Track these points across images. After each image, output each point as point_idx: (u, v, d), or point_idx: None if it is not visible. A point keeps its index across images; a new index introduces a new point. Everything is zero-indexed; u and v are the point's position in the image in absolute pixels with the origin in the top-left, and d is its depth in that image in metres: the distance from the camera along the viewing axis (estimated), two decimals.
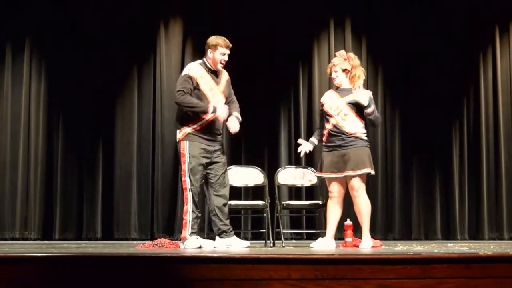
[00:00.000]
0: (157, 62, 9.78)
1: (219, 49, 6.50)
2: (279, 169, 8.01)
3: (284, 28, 9.94)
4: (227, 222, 6.52)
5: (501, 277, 3.78)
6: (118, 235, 9.41)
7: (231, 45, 6.63)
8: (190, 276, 3.66)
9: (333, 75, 6.72)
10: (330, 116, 6.55)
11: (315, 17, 10.11)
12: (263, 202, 7.46)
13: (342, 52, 6.83)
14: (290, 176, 7.80)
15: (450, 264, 3.78)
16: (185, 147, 6.32)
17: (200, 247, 6.13)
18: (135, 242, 8.46)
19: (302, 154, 6.77)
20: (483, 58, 10.39)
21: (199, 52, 9.82)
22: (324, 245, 6.41)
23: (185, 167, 6.30)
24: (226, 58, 6.56)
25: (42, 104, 9.54)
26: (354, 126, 6.50)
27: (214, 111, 6.36)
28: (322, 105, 6.68)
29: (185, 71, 6.53)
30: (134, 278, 3.66)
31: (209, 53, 6.52)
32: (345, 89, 6.66)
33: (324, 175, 6.56)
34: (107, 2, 9.70)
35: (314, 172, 7.36)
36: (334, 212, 6.55)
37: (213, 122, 6.38)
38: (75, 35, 9.61)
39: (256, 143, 9.78)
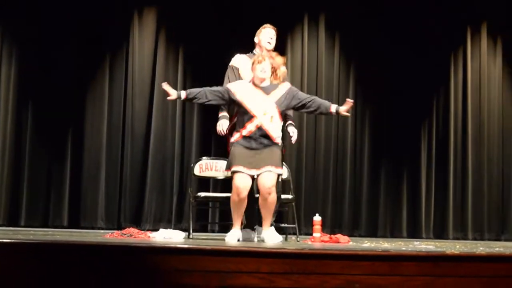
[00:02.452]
0: (130, 51, 9.73)
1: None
2: None
3: (257, 21, 9.91)
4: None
5: (467, 276, 3.83)
6: (85, 223, 9.37)
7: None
8: (159, 267, 3.65)
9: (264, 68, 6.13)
10: (253, 116, 6.03)
11: (290, 12, 10.12)
12: None
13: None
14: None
15: (418, 262, 3.81)
16: None
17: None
18: (102, 231, 8.43)
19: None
20: (454, 59, 10.50)
21: (173, 42, 9.83)
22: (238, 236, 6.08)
23: None
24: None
25: (11, 89, 9.44)
26: (278, 130, 6.14)
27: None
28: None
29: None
30: (103, 266, 3.64)
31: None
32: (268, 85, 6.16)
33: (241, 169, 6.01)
34: None
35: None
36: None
37: None
38: (47, 20, 9.52)
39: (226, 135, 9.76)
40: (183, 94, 6.24)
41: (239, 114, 6.13)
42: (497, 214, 10.34)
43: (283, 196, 7.18)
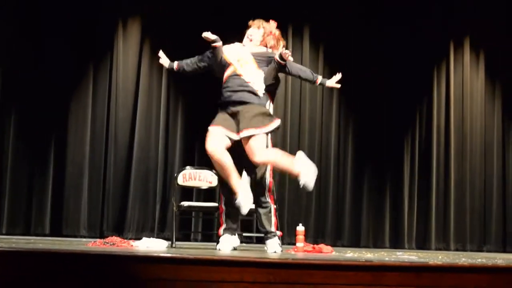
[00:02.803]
0: (114, 61, 9.71)
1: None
2: None
3: (241, 32, 9.94)
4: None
5: (450, 287, 3.85)
6: (67, 231, 9.31)
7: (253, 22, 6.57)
8: (142, 275, 3.64)
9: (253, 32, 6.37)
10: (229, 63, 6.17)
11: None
12: (216, 204, 7.43)
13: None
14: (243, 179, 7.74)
15: (401, 272, 3.83)
16: None
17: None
18: (84, 239, 8.38)
19: None
20: (437, 72, 10.58)
21: (157, 52, 9.81)
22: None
23: None
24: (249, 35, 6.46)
25: None
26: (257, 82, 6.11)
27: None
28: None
29: None
30: (86, 276, 3.63)
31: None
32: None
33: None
34: None
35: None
36: None
37: None
38: (31, 29, 9.48)
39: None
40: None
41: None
42: (479, 225, 10.40)
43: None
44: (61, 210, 9.38)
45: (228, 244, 5.98)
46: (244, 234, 9.10)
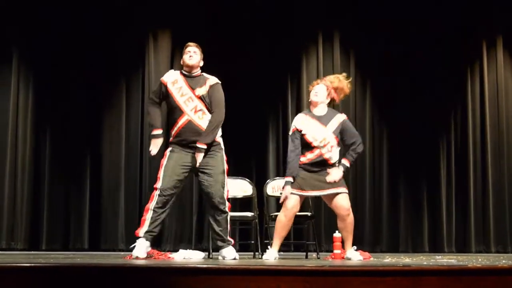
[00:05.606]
0: (146, 73, 9.79)
1: (184, 51, 6.40)
2: (267, 181, 7.99)
3: (273, 42, 9.98)
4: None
5: None
6: (105, 246, 9.38)
7: (193, 44, 6.44)
8: (180, 287, 3.65)
9: (318, 90, 6.52)
10: (315, 148, 6.36)
11: (304, 31, 10.16)
12: (252, 214, 7.43)
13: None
14: (279, 187, 7.76)
15: (439, 276, 3.77)
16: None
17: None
18: (122, 253, 8.42)
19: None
20: (470, 72, 10.47)
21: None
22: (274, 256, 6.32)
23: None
24: (191, 53, 6.35)
25: (29, 115, 9.53)
26: (336, 156, 6.45)
27: (153, 137, 6.37)
28: (300, 132, 6.39)
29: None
30: None
31: (181, 61, 6.45)
32: (323, 115, 6.47)
33: (304, 193, 6.36)
34: (96, 14, 9.70)
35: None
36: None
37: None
38: (63, 46, 9.60)
39: (245, 154, 9.78)
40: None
41: None
42: None
43: (302, 213, 7.18)
44: (99, 225, 9.46)
45: (144, 249, 6.12)
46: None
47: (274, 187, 7.80)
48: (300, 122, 6.45)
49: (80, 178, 9.51)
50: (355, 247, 6.43)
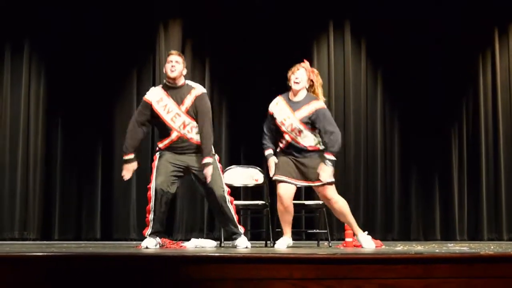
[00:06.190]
0: (157, 64, 9.78)
1: (167, 60, 6.31)
2: None
3: (283, 31, 9.95)
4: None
5: (503, 277, 3.78)
6: (117, 235, 9.42)
7: (175, 52, 6.39)
8: (192, 276, 3.65)
9: (298, 75, 6.36)
10: (284, 132, 6.29)
11: (315, 20, 10.13)
12: (263, 202, 7.43)
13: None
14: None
15: (452, 264, 3.76)
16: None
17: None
18: (134, 242, 8.45)
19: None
20: (482, 59, 10.41)
21: (198, 53, 9.87)
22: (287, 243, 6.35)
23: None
24: (173, 64, 6.22)
25: (41, 105, 9.56)
26: (310, 140, 6.28)
27: (125, 162, 6.44)
28: (272, 115, 6.37)
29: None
30: (136, 277, 3.65)
31: (164, 69, 6.38)
32: (298, 101, 6.36)
33: (293, 181, 6.32)
34: (107, 3, 9.71)
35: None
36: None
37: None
38: (74, 36, 9.61)
39: (256, 143, 9.75)
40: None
41: None
42: None
43: (314, 202, 7.18)
44: (110, 215, 9.50)
45: (154, 242, 6.19)
46: (293, 230, 9.09)
47: None
48: (273, 105, 6.44)
49: (92, 168, 9.55)
50: (366, 232, 6.41)
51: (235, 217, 6.44)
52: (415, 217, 10.02)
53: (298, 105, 6.31)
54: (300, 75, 6.36)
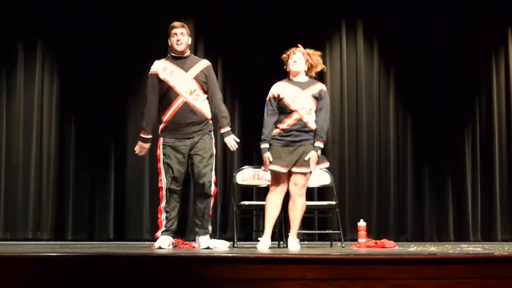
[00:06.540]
0: None
1: (171, 33, 6.28)
2: None
3: (295, 31, 9.93)
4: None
5: None
6: (130, 236, 9.44)
7: (178, 24, 6.30)
8: (205, 276, 3.66)
9: (296, 58, 6.39)
10: (293, 110, 6.22)
11: (327, 20, 10.11)
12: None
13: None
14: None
15: (465, 265, 3.75)
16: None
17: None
18: (147, 243, 8.47)
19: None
20: (495, 59, 10.36)
21: (211, 53, 9.86)
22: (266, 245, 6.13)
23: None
24: (179, 37, 6.20)
25: (54, 104, 9.59)
26: (312, 121, 6.24)
27: (143, 140, 6.41)
28: (278, 97, 6.30)
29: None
30: (148, 278, 3.66)
31: (169, 42, 6.33)
32: (302, 82, 6.36)
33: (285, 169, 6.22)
34: (121, 3, 9.73)
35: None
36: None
37: None
38: (88, 35, 9.64)
39: None
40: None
41: None
42: None
43: (327, 203, 7.17)
44: (124, 215, 9.52)
45: (167, 241, 6.16)
46: (306, 232, 9.09)
47: None
48: (277, 87, 6.38)
49: (105, 167, 9.57)
50: (298, 240, 6.30)
51: (210, 212, 6.36)
52: (428, 217, 9.99)
53: (304, 85, 6.32)
54: (298, 57, 6.38)
